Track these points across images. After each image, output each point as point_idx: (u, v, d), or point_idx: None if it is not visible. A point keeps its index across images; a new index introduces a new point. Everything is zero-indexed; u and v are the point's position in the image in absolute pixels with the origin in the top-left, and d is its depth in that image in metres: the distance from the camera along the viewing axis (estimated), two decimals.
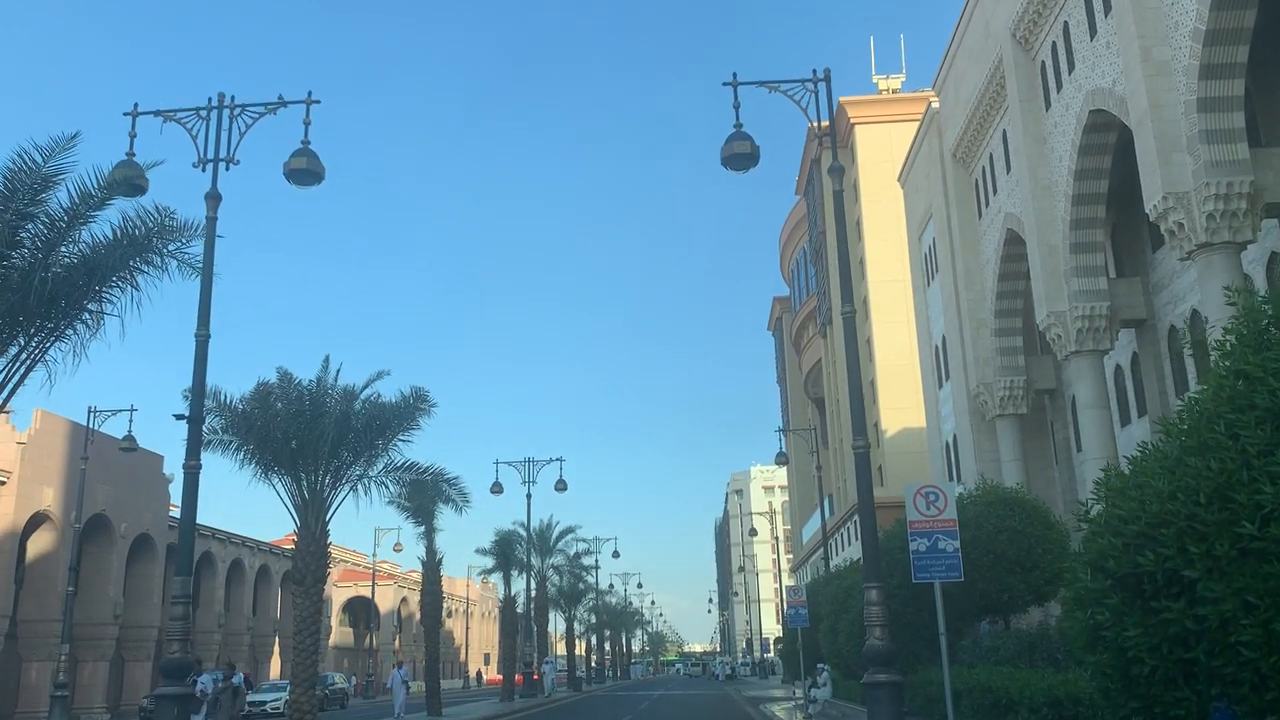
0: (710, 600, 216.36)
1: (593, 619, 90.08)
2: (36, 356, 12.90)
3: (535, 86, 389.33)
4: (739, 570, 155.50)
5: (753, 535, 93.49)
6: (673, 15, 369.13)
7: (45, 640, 42.42)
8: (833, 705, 29.49)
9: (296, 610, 23.54)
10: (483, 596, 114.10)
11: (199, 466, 16.11)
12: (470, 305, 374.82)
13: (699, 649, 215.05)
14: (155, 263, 13.63)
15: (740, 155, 17.03)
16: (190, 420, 16.07)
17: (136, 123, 16.74)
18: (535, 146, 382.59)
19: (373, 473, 24.17)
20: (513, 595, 54.53)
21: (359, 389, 24.01)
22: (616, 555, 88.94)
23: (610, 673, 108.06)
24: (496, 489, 46.07)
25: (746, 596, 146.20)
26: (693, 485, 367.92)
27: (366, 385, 24.17)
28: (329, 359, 24.15)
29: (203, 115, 17.19)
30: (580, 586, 73.82)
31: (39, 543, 44.34)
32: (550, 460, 49.33)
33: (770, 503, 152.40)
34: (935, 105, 43.43)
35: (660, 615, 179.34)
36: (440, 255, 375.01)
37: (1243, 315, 7.02)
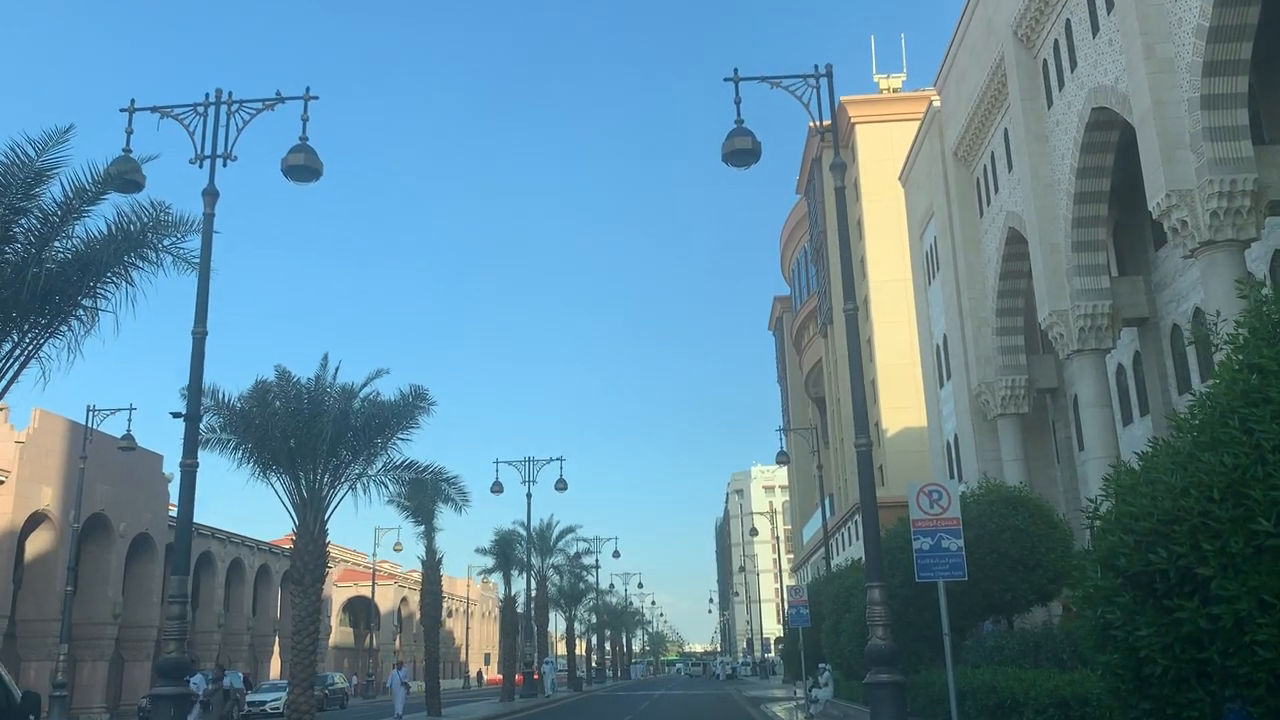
0: (711, 600, 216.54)
1: (593, 619, 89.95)
2: (30, 353, 12.78)
3: (535, 86, 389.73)
4: (739, 570, 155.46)
5: (753, 535, 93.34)
6: (673, 15, 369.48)
7: (44, 640, 42.30)
8: (834, 705, 29.36)
9: (295, 610, 23.41)
10: (483, 596, 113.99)
11: (196, 465, 16.01)
12: (470, 305, 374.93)
13: (699, 649, 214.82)
14: (150, 258, 13.51)
15: (741, 151, 16.92)
16: (187, 418, 15.95)
17: (134, 120, 16.64)
18: (536, 146, 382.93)
19: (372, 472, 24.07)
20: (513, 595, 54.40)
21: (358, 387, 23.90)
22: (617, 555, 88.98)
23: (611, 673, 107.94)
24: (497, 488, 45.96)
25: (747, 596, 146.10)
26: (693, 485, 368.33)
27: (365, 384, 24.05)
28: (327, 357, 24.04)
29: (200, 111, 17.08)
30: (580, 586, 73.73)
31: (38, 542, 44.22)
32: (550, 460, 49.21)
33: (771, 502, 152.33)
34: (936, 104, 43.32)
35: (661, 615, 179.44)
36: (440, 255, 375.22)
37: (1255, 309, 6.90)
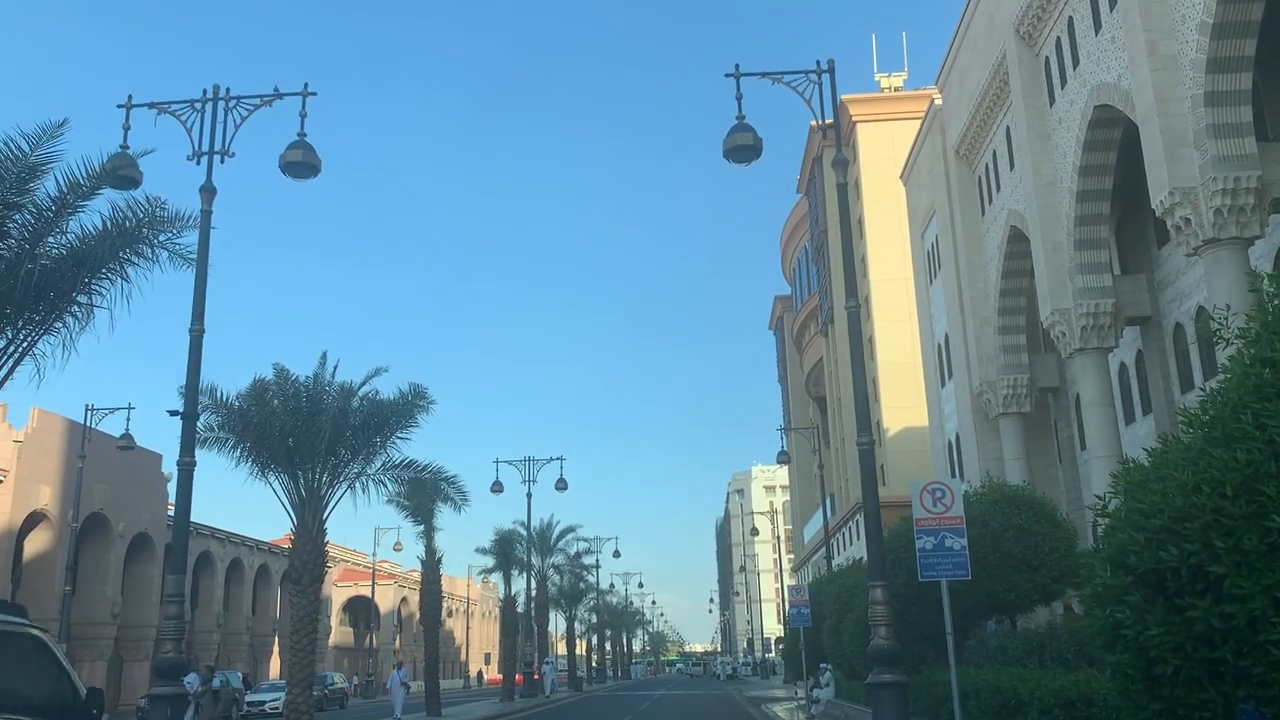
0: (711, 600, 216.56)
1: (593, 619, 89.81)
2: (25, 349, 12.65)
3: (535, 86, 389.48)
4: (740, 570, 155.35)
5: (754, 535, 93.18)
6: (673, 15, 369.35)
7: None
8: (836, 706, 29.24)
9: (293, 610, 23.28)
10: (483, 596, 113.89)
11: (193, 463, 15.92)
12: (470, 305, 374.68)
13: (700, 649, 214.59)
14: (146, 254, 13.39)
15: (743, 147, 16.82)
16: (184, 416, 15.85)
17: (132, 117, 16.55)
18: (536, 145, 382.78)
19: (371, 470, 23.93)
20: (513, 595, 54.30)
21: (357, 386, 23.76)
22: (617, 555, 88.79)
23: (611, 673, 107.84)
24: (497, 488, 45.84)
25: (748, 596, 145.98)
26: (693, 485, 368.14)
27: (364, 382, 23.91)
28: (326, 355, 23.90)
29: (198, 107, 16.98)
30: (581, 586, 73.61)
31: (36, 542, 44.12)
32: (550, 459, 49.08)
33: (771, 502, 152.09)
34: (938, 102, 43.19)
35: (661, 615, 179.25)
36: (440, 254, 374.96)
37: (1267, 302, 6.78)
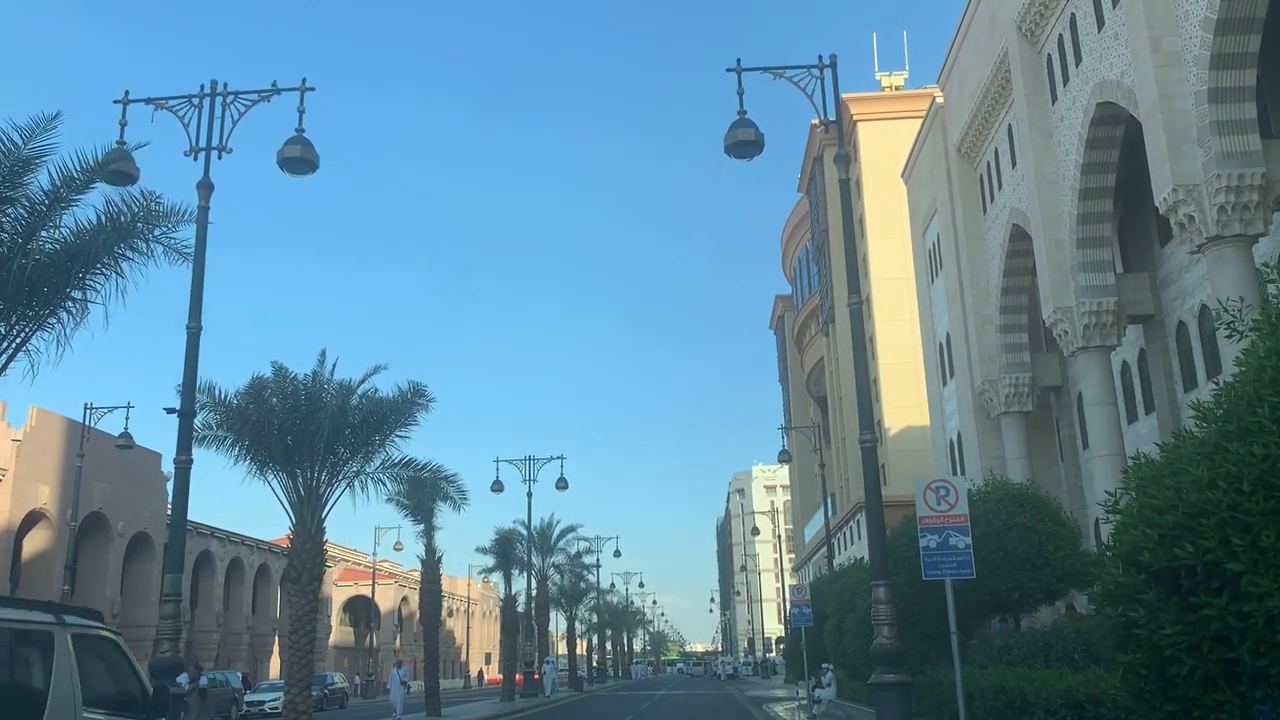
0: (712, 600, 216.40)
1: (594, 618, 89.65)
2: (19, 345, 12.50)
3: (536, 86, 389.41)
4: (741, 570, 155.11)
5: (755, 534, 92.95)
6: (673, 15, 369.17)
7: None
8: (837, 706, 29.10)
9: (292, 609, 23.13)
10: (483, 596, 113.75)
11: (190, 462, 15.76)
12: (470, 304, 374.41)
13: (701, 649, 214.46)
14: (140, 248, 13.24)
15: (744, 143, 16.66)
16: (181, 414, 15.68)
17: (129, 112, 16.37)
18: (536, 145, 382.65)
19: (370, 469, 23.77)
20: (513, 594, 54.18)
21: (355, 384, 23.60)
22: (618, 554, 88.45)
23: (612, 672, 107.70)
24: (497, 487, 45.69)
25: (748, 596, 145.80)
26: (694, 485, 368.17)
27: (363, 380, 23.73)
28: (325, 353, 23.74)
29: (195, 103, 16.81)
30: (581, 586, 73.44)
31: (35, 541, 43.99)
32: (551, 458, 48.89)
33: (772, 502, 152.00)
34: (939, 100, 43.05)
35: (662, 615, 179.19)
36: (440, 254, 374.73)
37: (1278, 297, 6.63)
